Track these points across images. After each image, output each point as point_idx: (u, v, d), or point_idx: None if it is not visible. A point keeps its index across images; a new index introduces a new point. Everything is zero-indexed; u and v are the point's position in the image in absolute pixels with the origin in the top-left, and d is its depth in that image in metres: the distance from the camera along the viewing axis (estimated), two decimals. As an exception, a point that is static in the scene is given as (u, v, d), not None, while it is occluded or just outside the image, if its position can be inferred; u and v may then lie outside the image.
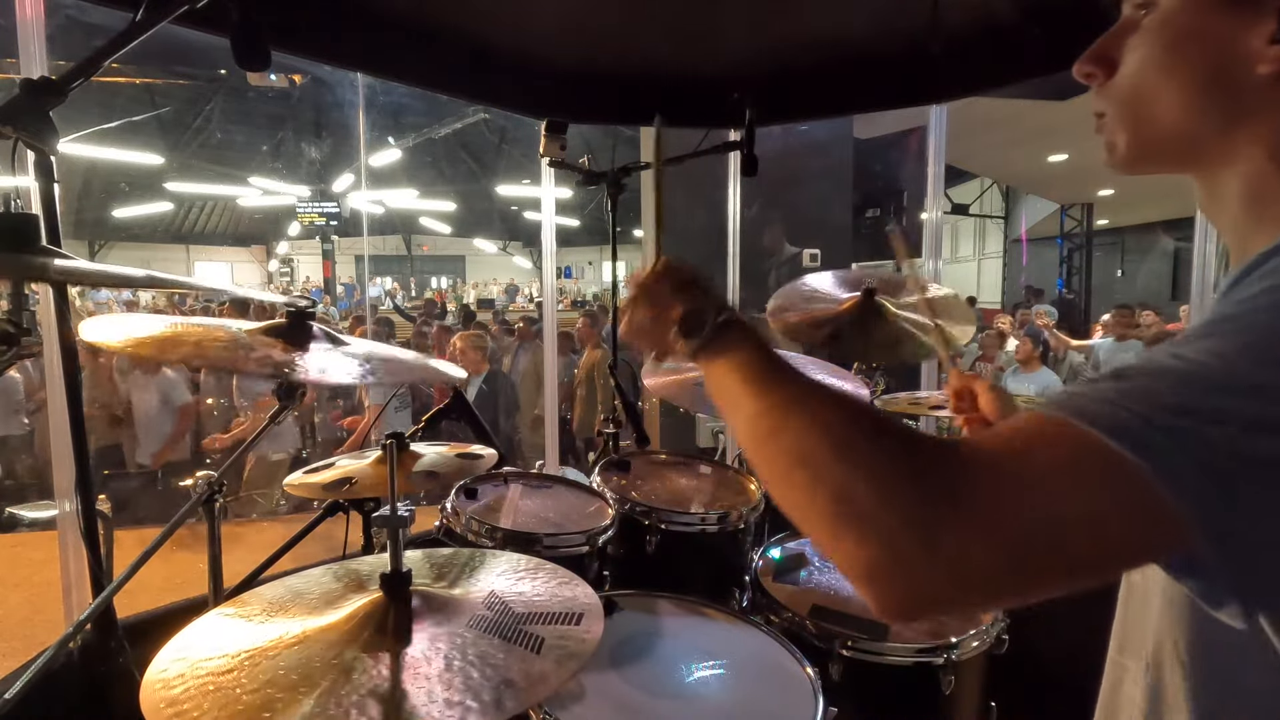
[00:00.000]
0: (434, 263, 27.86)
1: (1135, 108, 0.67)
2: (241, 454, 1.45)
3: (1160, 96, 0.65)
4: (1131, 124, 0.67)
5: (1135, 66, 0.66)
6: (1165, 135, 0.66)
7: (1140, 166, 0.69)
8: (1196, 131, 0.64)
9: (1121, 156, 0.68)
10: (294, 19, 1.78)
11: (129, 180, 17.12)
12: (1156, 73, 0.65)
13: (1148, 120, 0.66)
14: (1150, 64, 0.65)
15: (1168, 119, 0.65)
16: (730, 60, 2.39)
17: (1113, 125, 0.68)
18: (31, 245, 0.89)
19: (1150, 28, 0.65)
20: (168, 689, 0.76)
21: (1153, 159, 0.69)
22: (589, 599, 0.94)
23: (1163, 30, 0.64)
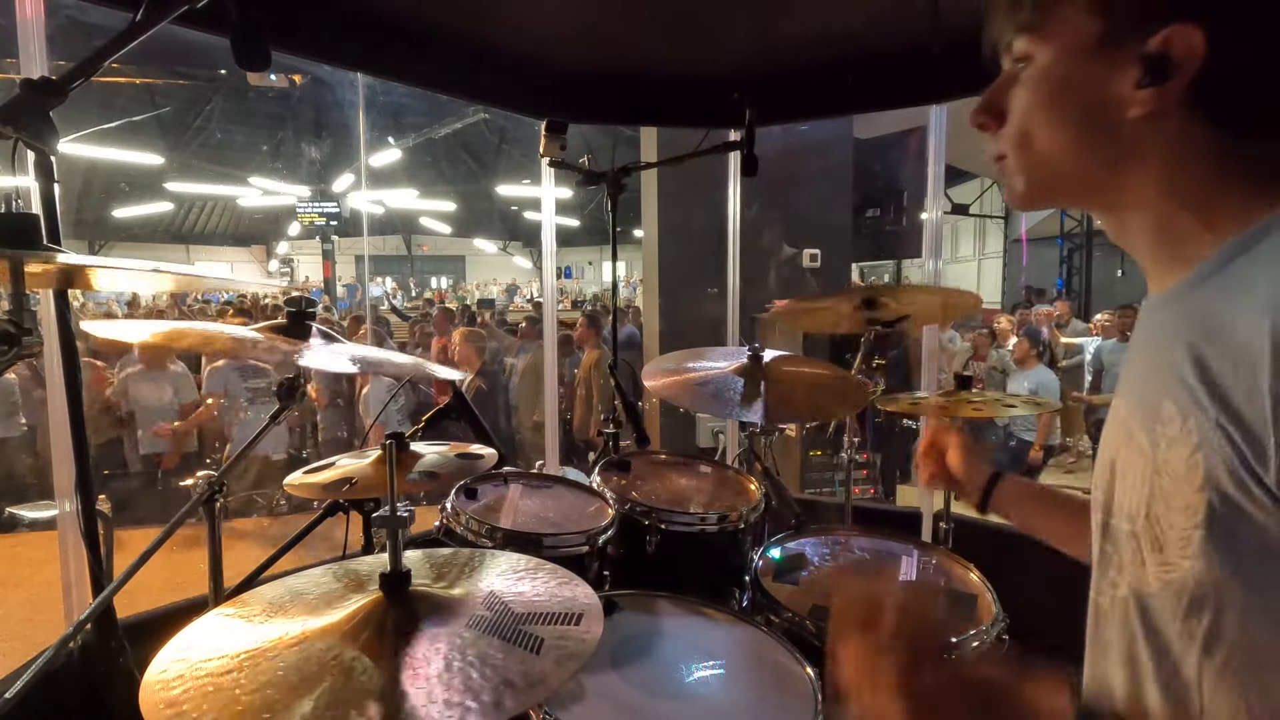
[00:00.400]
0: (434, 263, 27.87)
1: (1026, 151, 0.71)
2: (242, 454, 1.45)
3: (1046, 141, 0.70)
4: (1024, 167, 0.72)
5: (1020, 116, 0.71)
6: (1055, 176, 0.71)
7: (1038, 203, 0.75)
8: (1084, 172, 0.69)
9: (1020, 194, 0.73)
10: (294, 19, 1.79)
11: (129, 180, 17.13)
12: (1039, 120, 0.70)
13: (1038, 163, 0.71)
14: (1032, 113, 0.70)
15: (1055, 161, 0.70)
16: (730, 60, 2.39)
17: (1010, 167, 0.73)
18: (32, 244, 0.89)
19: (1028, 79, 0.70)
20: (167, 689, 0.76)
21: (1047, 196, 0.74)
22: (589, 599, 0.94)
23: (1040, 82, 0.69)
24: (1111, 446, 0.71)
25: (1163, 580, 0.62)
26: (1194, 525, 0.58)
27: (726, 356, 2.09)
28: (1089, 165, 0.69)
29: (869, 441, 4.94)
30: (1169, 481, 0.60)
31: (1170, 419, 0.60)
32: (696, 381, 1.98)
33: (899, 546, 1.76)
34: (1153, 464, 0.62)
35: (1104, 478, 0.72)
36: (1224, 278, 0.60)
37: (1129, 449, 0.67)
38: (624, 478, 1.93)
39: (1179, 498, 0.59)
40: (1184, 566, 0.59)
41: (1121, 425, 0.69)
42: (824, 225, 5.87)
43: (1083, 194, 0.73)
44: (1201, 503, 0.57)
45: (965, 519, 2.16)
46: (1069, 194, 0.74)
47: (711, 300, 4.52)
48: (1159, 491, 0.62)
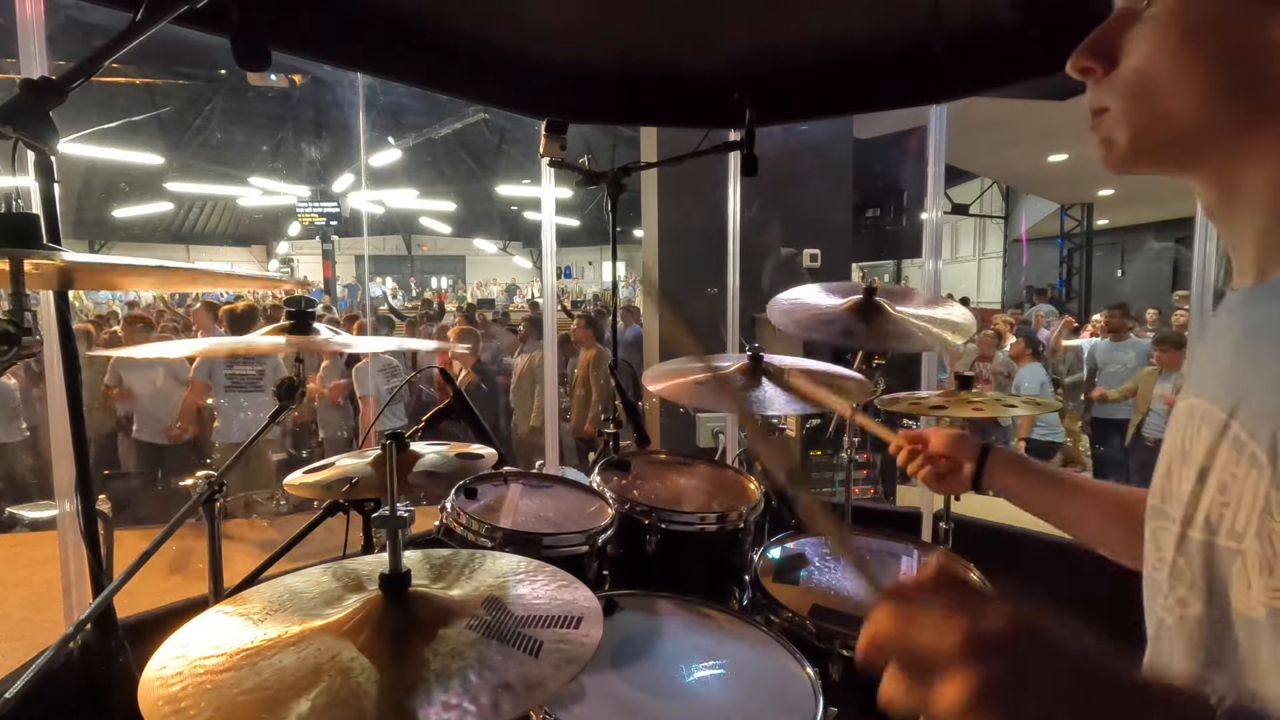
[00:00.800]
0: (434, 263, 27.87)
1: (1144, 101, 0.62)
2: (241, 454, 1.45)
3: (1174, 89, 0.60)
4: (1138, 119, 0.63)
5: (1145, 58, 0.61)
6: (1175, 132, 0.62)
7: (1140, 165, 0.65)
8: (1211, 128, 0.60)
9: (1122, 153, 0.64)
10: (294, 19, 1.79)
11: (129, 180, 17.13)
12: (1171, 64, 0.60)
13: (1158, 115, 0.62)
14: (1163, 54, 0.60)
15: (1181, 114, 0.60)
16: (730, 60, 2.39)
17: (1114, 121, 0.64)
18: (32, 244, 0.89)
19: (1162, 16, 0.60)
20: (166, 687, 0.76)
21: (1156, 157, 0.64)
22: (588, 602, 0.94)
23: (1178, 18, 0.60)
24: (1199, 452, 0.63)
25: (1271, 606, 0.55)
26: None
27: (727, 361, 2.09)
28: (1220, 122, 0.59)
29: (869, 441, 4.94)
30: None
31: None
32: (696, 381, 1.98)
33: (899, 546, 1.76)
34: (1272, 477, 0.55)
35: (1182, 486, 0.65)
36: None
37: (1234, 457, 0.59)
38: (624, 478, 1.93)
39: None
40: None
41: (1215, 428, 0.61)
42: (824, 225, 5.86)
43: (1198, 156, 0.63)
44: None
45: (965, 519, 2.16)
46: (1181, 156, 0.63)
47: (711, 300, 4.52)
48: (1278, 508, 0.54)
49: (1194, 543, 0.62)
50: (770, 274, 5.74)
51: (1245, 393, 0.59)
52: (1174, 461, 0.67)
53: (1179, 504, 0.65)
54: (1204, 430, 0.62)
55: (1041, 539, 2.45)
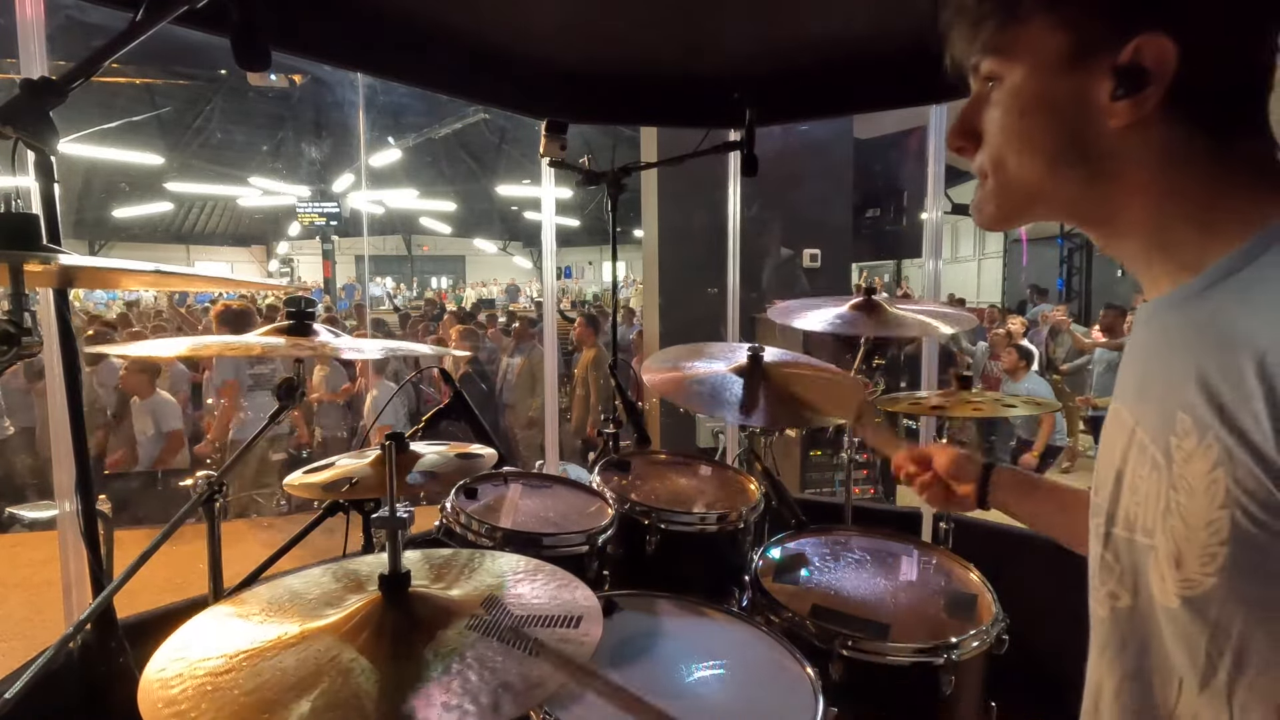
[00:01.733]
0: (434, 263, 27.87)
1: (1001, 174, 0.70)
2: (241, 454, 1.45)
3: (1021, 161, 0.68)
4: (999, 188, 0.71)
5: (993, 135, 0.70)
6: (1029, 196, 0.70)
7: (1010, 225, 0.75)
8: (1063, 190, 0.68)
9: (989, 218, 0.72)
10: (294, 19, 1.78)
11: (129, 180, 17.12)
12: (1014, 139, 0.68)
13: (1013, 185, 0.70)
14: (1007, 133, 0.68)
15: (1033, 181, 0.68)
16: (730, 60, 2.39)
17: (983, 194, 0.72)
18: (32, 245, 0.89)
19: (1002, 99, 0.68)
20: (166, 688, 0.76)
21: (1020, 218, 0.72)
22: (588, 602, 0.94)
23: (1012, 101, 0.67)
24: (1117, 454, 0.69)
25: (1184, 596, 0.59)
26: (1218, 543, 0.56)
27: (726, 354, 2.09)
28: (1068, 182, 0.67)
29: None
30: (1187, 497, 0.58)
31: (1187, 432, 0.58)
32: (695, 381, 1.98)
33: (899, 546, 1.76)
34: (1168, 478, 0.60)
35: (1108, 487, 0.70)
36: (1229, 288, 0.59)
37: (1140, 460, 0.65)
38: (624, 478, 1.93)
39: (1199, 514, 0.57)
40: (1208, 584, 0.57)
41: (1126, 433, 0.67)
42: (824, 225, 5.86)
43: (1062, 213, 0.71)
44: (1225, 520, 0.55)
45: (965, 519, 2.16)
46: (1045, 213, 0.71)
47: (711, 300, 4.51)
48: (1177, 507, 0.60)
49: (1118, 539, 0.68)
50: (770, 274, 5.74)
51: (1144, 400, 0.66)
52: (1104, 462, 0.72)
53: (1107, 503, 0.70)
54: (1120, 434, 0.69)
55: (1041, 539, 2.44)
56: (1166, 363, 0.63)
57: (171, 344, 1.24)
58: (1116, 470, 0.68)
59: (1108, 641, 0.70)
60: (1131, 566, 0.66)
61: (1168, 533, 0.60)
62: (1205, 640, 0.59)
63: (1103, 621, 0.71)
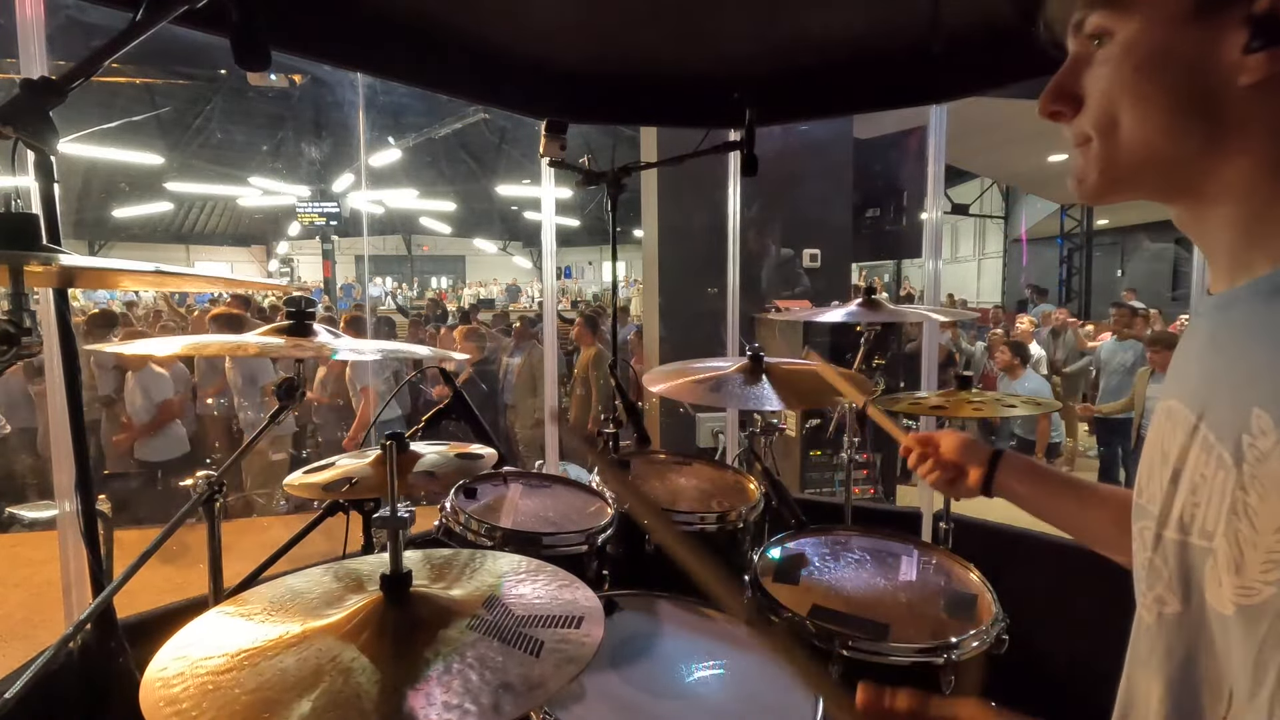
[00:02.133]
0: (434, 263, 27.87)
1: (1111, 137, 0.64)
2: (242, 453, 1.45)
3: (1136, 123, 0.63)
4: (1107, 154, 0.65)
5: (1104, 95, 0.64)
6: (1142, 164, 0.64)
7: (1115, 197, 0.67)
8: (1176, 154, 0.62)
9: (1092, 188, 0.67)
10: (294, 19, 1.79)
11: (129, 180, 17.11)
12: (1130, 99, 0.63)
13: (1124, 152, 0.64)
14: (1121, 91, 0.63)
15: (1146, 145, 0.63)
16: (730, 60, 2.39)
17: (1092, 154, 0.66)
18: (32, 245, 0.89)
19: (1114, 56, 0.63)
20: (167, 688, 0.76)
21: (1128, 189, 0.66)
22: (589, 602, 0.94)
23: (1129, 56, 0.62)
24: (1173, 453, 0.65)
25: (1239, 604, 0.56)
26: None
27: (727, 362, 2.10)
28: (1186, 148, 0.61)
29: (869, 441, 4.94)
30: (1258, 499, 0.55)
31: (1264, 430, 0.54)
32: (695, 380, 1.98)
33: (899, 546, 1.76)
34: (1238, 478, 0.56)
35: (1160, 487, 0.66)
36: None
37: (1203, 458, 0.60)
38: (624, 478, 1.93)
39: (1270, 517, 0.54)
40: (1266, 592, 0.54)
41: (1186, 430, 0.63)
42: (824, 225, 5.86)
43: (1169, 181, 0.64)
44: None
45: (965, 519, 2.16)
46: (1152, 183, 0.65)
47: (711, 300, 4.52)
48: (1244, 509, 0.56)
49: (1169, 542, 0.64)
50: (769, 274, 5.75)
51: (1213, 395, 0.61)
52: (1154, 462, 0.69)
53: (1156, 504, 0.67)
54: (1178, 432, 0.65)
55: (1041, 539, 2.45)
56: (1243, 355, 0.59)
57: (170, 343, 1.24)
58: (1173, 469, 0.64)
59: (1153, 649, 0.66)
60: (1184, 571, 0.62)
61: (1231, 536, 0.57)
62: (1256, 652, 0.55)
63: (1149, 628, 0.67)
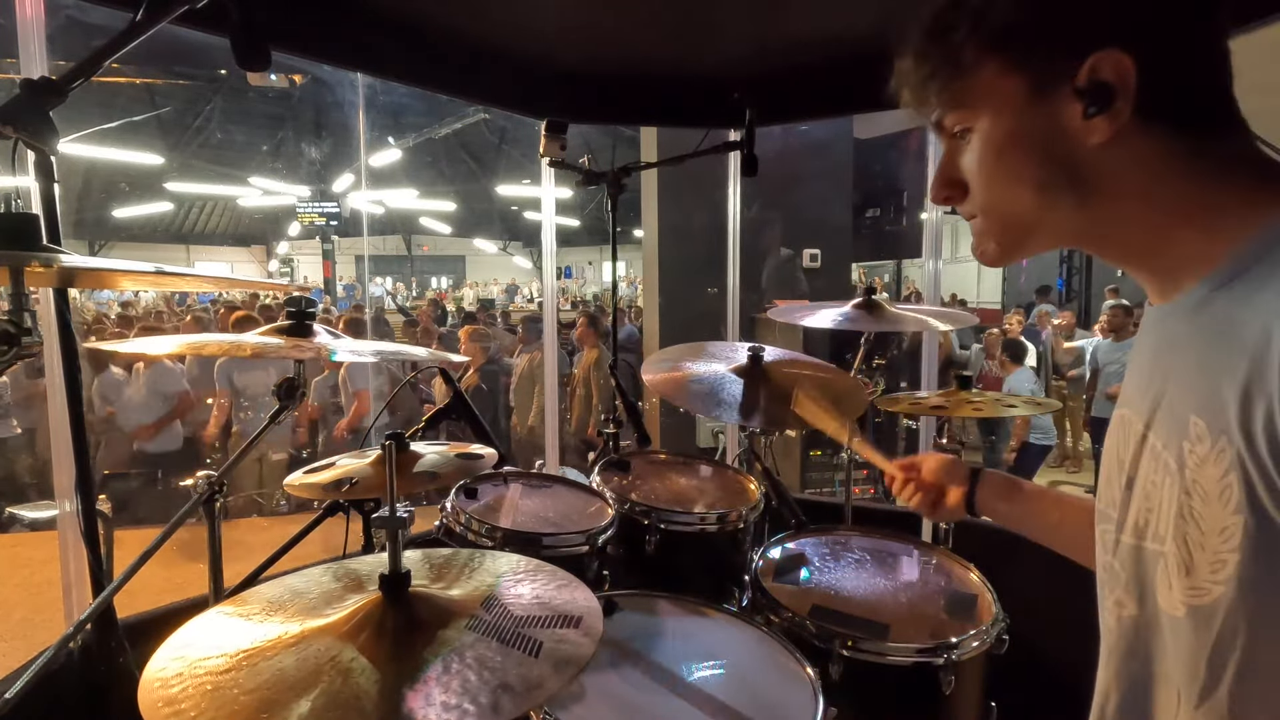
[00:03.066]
0: (434, 263, 27.88)
1: (994, 214, 0.71)
2: (242, 454, 1.45)
3: (1011, 201, 0.69)
4: (997, 228, 0.71)
5: (977, 178, 0.70)
6: (1027, 230, 0.70)
7: (1014, 260, 0.74)
8: (1058, 217, 0.68)
9: (994, 256, 0.73)
10: (294, 19, 1.78)
11: (129, 180, 17.13)
12: (1000, 182, 0.69)
13: (1009, 221, 0.70)
14: (991, 177, 0.69)
15: (1025, 214, 0.69)
16: (730, 60, 2.38)
17: (982, 231, 0.73)
18: (32, 245, 0.89)
19: (975, 147, 0.69)
20: (166, 688, 0.76)
21: (1025, 250, 0.73)
22: (588, 602, 0.94)
23: (989, 146, 0.68)
24: (1127, 461, 0.68)
25: (1190, 605, 0.58)
26: (1230, 549, 0.55)
27: (727, 353, 2.09)
28: (1062, 208, 0.67)
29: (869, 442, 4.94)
30: (1200, 502, 0.57)
31: (1200, 437, 0.57)
32: (694, 380, 1.98)
33: (899, 546, 1.76)
34: (1181, 483, 0.59)
35: (1116, 493, 0.69)
36: (1237, 290, 0.58)
37: (1152, 466, 0.64)
38: (624, 478, 1.93)
39: (1212, 520, 0.56)
40: (1215, 592, 0.56)
41: (1137, 439, 0.67)
42: (824, 225, 5.87)
43: (1061, 238, 0.71)
44: (1237, 526, 0.54)
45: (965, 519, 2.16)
46: (1046, 242, 0.72)
47: (711, 300, 4.52)
48: (1189, 513, 0.59)
49: (1126, 546, 0.67)
50: (769, 274, 5.75)
51: (1156, 405, 0.65)
52: (1111, 469, 0.72)
53: (1115, 509, 0.70)
54: (1130, 440, 0.68)
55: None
56: (1176, 367, 0.63)
57: (169, 342, 1.24)
58: (1127, 477, 0.68)
59: (1114, 650, 0.69)
60: (1139, 575, 0.65)
61: (1180, 539, 0.59)
62: (1208, 652, 0.57)
63: (1110, 630, 0.70)
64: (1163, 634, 0.63)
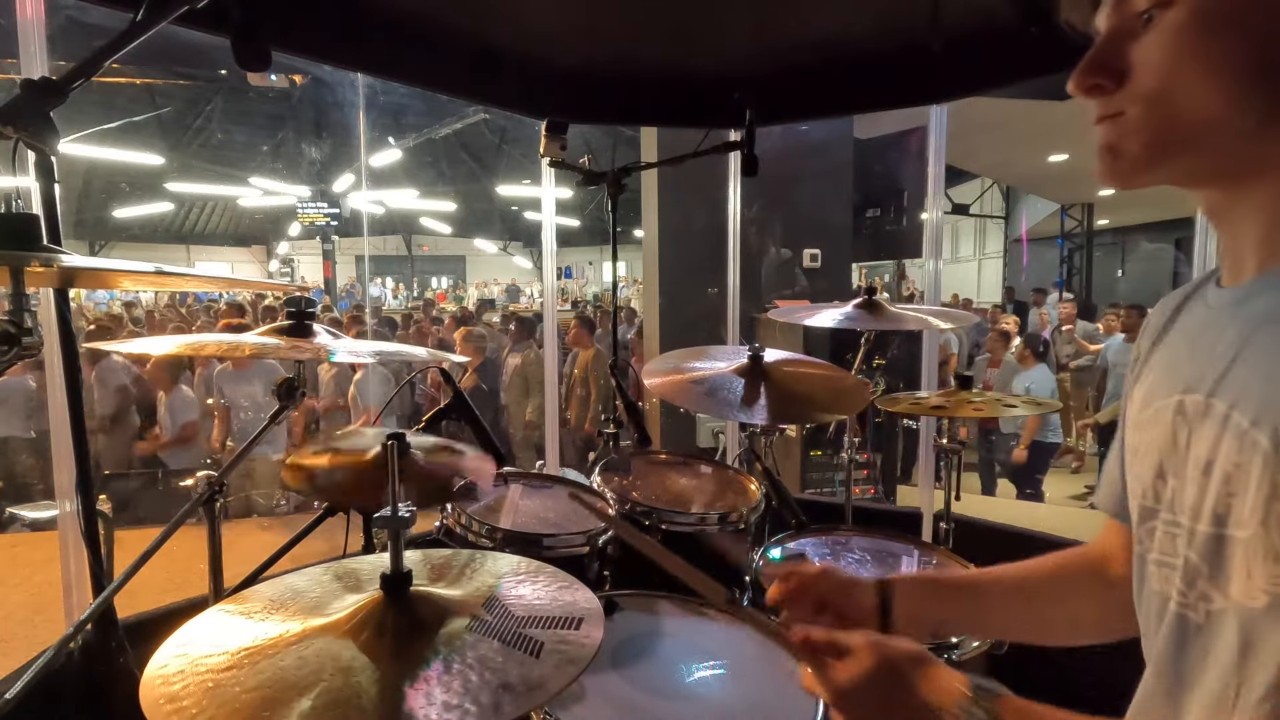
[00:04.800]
0: (434, 263, 27.86)
1: (1166, 107, 0.61)
2: (242, 454, 1.45)
3: (1199, 91, 0.59)
4: (1157, 124, 0.61)
5: (1166, 63, 0.60)
6: (1195, 134, 0.61)
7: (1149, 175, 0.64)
8: (1233, 128, 0.59)
9: (1132, 161, 0.63)
10: (294, 19, 1.78)
11: (129, 180, 17.12)
12: (1196, 66, 0.59)
13: (1180, 119, 0.60)
14: (1187, 58, 0.59)
15: (1205, 116, 0.60)
16: (730, 60, 2.38)
17: (1129, 127, 0.63)
18: (32, 245, 0.89)
19: (1176, 23, 0.60)
20: (167, 685, 0.76)
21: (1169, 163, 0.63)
22: (589, 603, 0.94)
23: (1198, 20, 0.59)
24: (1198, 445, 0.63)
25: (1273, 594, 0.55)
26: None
27: (727, 356, 2.09)
28: (1246, 121, 0.58)
29: (869, 441, 4.94)
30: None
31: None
32: (695, 380, 1.98)
33: (899, 546, 1.76)
34: (1276, 463, 0.55)
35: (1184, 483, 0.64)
36: None
37: (1238, 447, 0.59)
38: (624, 478, 1.93)
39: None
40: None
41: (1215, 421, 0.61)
42: (824, 225, 5.86)
43: (1215, 158, 0.62)
44: None
45: (965, 519, 2.16)
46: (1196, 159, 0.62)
47: (711, 300, 4.52)
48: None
49: (1204, 536, 0.62)
50: (768, 275, 5.75)
51: (1245, 384, 0.59)
52: (1166, 460, 0.67)
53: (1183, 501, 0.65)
54: (1205, 424, 0.62)
55: (1042, 539, 2.45)
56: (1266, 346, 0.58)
57: (167, 342, 1.24)
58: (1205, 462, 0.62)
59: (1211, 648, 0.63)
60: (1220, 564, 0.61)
61: (1271, 523, 0.55)
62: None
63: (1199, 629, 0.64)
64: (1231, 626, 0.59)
